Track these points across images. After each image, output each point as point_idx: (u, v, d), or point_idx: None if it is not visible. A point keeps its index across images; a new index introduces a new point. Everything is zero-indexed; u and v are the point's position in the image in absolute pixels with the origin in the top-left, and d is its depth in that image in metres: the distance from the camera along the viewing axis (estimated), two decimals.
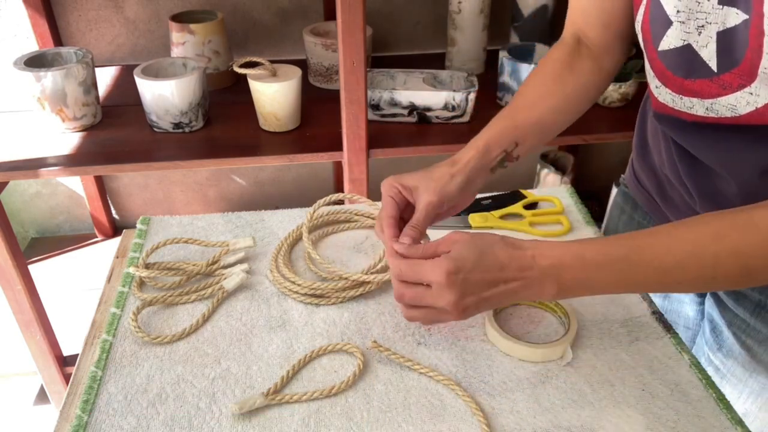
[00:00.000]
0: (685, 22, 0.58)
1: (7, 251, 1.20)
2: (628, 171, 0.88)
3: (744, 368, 0.72)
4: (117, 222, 1.80)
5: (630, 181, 0.86)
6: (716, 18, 0.56)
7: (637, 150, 0.82)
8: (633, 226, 0.86)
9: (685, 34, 0.59)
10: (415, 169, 0.69)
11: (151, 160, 1.17)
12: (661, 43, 0.62)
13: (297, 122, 1.27)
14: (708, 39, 0.57)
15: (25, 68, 1.15)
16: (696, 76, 0.60)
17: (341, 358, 0.67)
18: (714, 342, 0.76)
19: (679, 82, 0.62)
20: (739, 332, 0.71)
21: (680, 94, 0.63)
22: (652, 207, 0.81)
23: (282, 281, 0.75)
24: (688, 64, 0.60)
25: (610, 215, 0.93)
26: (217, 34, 1.35)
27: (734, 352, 0.73)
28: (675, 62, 0.62)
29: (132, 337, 0.70)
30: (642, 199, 0.83)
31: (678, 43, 0.60)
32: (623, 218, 0.88)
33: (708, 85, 0.59)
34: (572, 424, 0.60)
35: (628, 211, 0.87)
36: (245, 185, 1.79)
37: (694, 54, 0.59)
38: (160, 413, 0.61)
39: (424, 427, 0.60)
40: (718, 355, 0.75)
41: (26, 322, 1.32)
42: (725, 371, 0.74)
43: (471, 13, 1.39)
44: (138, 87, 1.19)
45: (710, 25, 0.56)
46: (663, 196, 0.77)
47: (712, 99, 0.59)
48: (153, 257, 0.80)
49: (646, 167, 0.80)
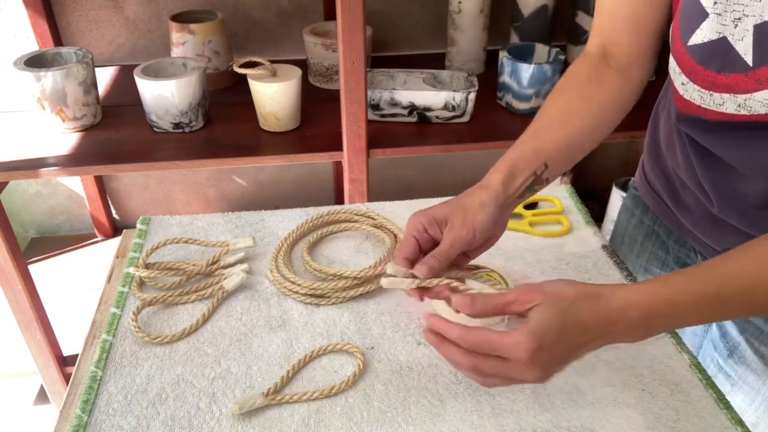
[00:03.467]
0: (722, 14, 0.57)
1: (7, 251, 1.20)
2: (638, 174, 0.86)
3: (757, 376, 0.71)
4: (117, 222, 1.80)
5: (640, 184, 0.85)
6: (754, 10, 0.54)
7: (648, 152, 0.80)
8: (643, 230, 0.85)
9: (720, 26, 0.57)
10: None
11: (151, 160, 1.17)
12: (693, 36, 0.60)
13: (297, 122, 1.27)
14: (744, 32, 0.56)
15: (25, 68, 1.15)
16: (730, 71, 0.58)
17: (341, 358, 0.67)
18: (724, 348, 0.75)
19: (711, 77, 0.60)
20: (753, 339, 0.70)
21: (710, 90, 0.61)
22: (663, 211, 0.80)
23: (282, 281, 0.75)
24: (723, 58, 0.58)
25: (619, 219, 0.92)
26: (217, 34, 1.35)
27: (747, 359, 0.72)
28: (707, 56, 0.60)
29: (132, 337, 0.70)
30: (652, 203, 0.82)
31: (713, 36, 0.59)
32: (633, 222, 0.87)
33: (743, 80, 0.57)
34: (572, 424, 0.60)
35: (638, 214, 0.86)
36: (245, 185, 1.79)
37: (729, 47, 0.57)
38: (160, 413, 0.61)
39: (424, 427, 0.60)
40: (729, 361, 0.74)
41: (26, 322, 1.32)
42: (737, 378, 0.73)
43: (471, 13, 1.39)
44: (138, 87, 1.19)
45: (747, 18, 0.55)
46: (675, 199, 0.76)
47: (747, 94, 0.58)
48: (153, 257, 0.80)
49: (658, 170, 0.78)
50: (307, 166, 1.76)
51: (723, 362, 0.75)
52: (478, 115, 1.28)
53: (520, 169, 0.64)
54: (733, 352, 0.73)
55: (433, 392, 0.63)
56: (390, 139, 1.24)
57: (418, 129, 1.28)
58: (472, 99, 1.24)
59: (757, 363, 0.70)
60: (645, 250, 0.85)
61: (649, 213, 0.84)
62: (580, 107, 0.69)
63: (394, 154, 1.23)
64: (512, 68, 1.26)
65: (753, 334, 0.70)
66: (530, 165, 0.64)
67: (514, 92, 1.28)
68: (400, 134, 1.26)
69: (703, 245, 0.74)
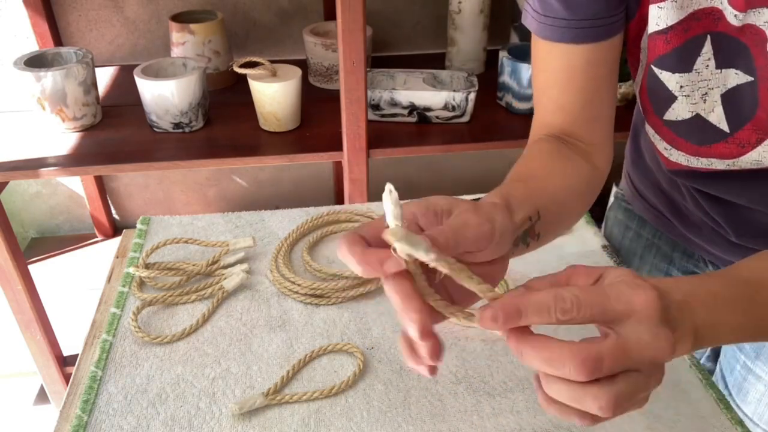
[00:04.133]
0: (690, 95, 0.57)
1: (7, 251, 1.20)
2: (626, 186, 0.82)
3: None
4: (117, 222, 1.80)
5: (632, 198, 0.81)
6: (717, 82, 0.55)
7: (631, 162, 0.78)
8: (641, 243, 0.82)
9: (691, 105, 0.58)
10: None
11: (151, 160, 1.17)
12: (667, 113, 0.60)
13: (297, 122, 1.27)
14: (713, 103, 0.56)
15: (25, 68, 1.15)
16: (711, 142, 0.58)
17: (341, 358, 0.67)
18: (750, 349, 0.72)
19: (694, 149, 0.60)
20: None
21: (696, 156, 0.60)
22: (666, 225, 0.77)
23: (282, 281, 0.75)
24: (701, 132, 0.59)
25: (611, 233, 0.87)
26: (217, 34, 1.35)
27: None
28: (685, 131, 0.60)
29: (132, 337, 0.70)
30: (651, 218, 0.79)
31: (686, 115, 0.59)
32: (629, 235, 0.84)
33: (725, 147, 0.58)
34: (572, 424, 0.60)
35: (634, 228, 0.83)
36: (245, 185, 1.79)
37: (704, 121, 0.58)
38: (160, 413, 0.61)
39: (424, 427, 0.60)
40: (758, 362, 0.71)
41: (26, 322, 1.32)
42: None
43: (471, 13, 1.39)
44: (138, 87, 1.19)
45: (713, 90, 0.56)
46: (680, 216, 0.74)
47: (733, 159, 0.58)
48: (153, 257, 0.80)
49: (648, 183, 0.76)
50: (307, 166, 1.76)
51: (751, 363, 0.72)
52: (478, 115, 1.28)
53: (516, 207, 0.49)
54: (760, 352, 0.71)
55: (433, 392, 0.63)
56: (390, 139, 1.24)
57: (418, 129, 1.28)
58: (472, 99, 1.24)
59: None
60: (645, 263, 0.83)
61: (647, 226, 0.81)
62: (558, 171, 0.58)
63: (394, 154, 1.23)
64: (512, 68, 1.26)
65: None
66: (524, 207, 0.49)
67: (514, 92, 1.28)
68: (400, 134, 1.26)
69: (719, 259, 0.72)
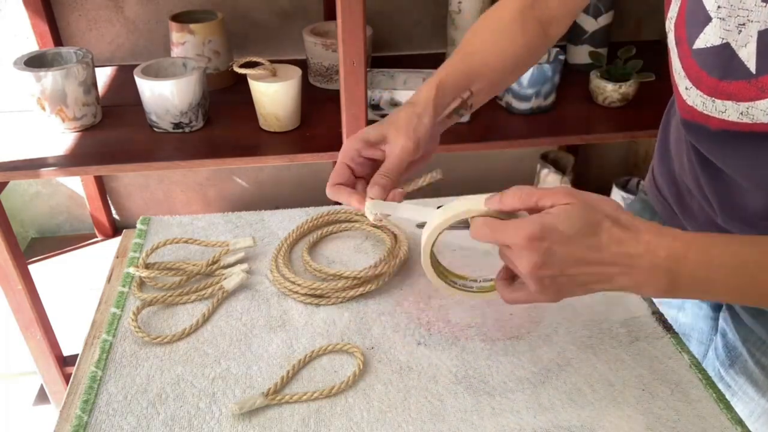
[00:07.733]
0: (726, 18, 0.56)
1: (7, 251, 1.20)
2: (649, 177, 0.85)
3: (757, 387, 0.70)
4: (117, 222, 1.80)
5: (650, 188, 0.84)
6: (758, 16, 0.53)
7: (658, 156, 0.80)
8: None
9: (724, 31, 0.56)
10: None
11: (151, 160, 1.17)
12: (697, 41, 0.59)
13: (297, 122, 1.27)
14: (748, 38, 0.54)
15: (25, 68, 1.15)
16: (733, 78, 0.57)
17: (341, 358, 0.67)
18: (726, 358, 0.74)
19: (714, 84, 0.59)
20: (754, 349, 0.69)
21: (713, 97, 0.59)
22: (669, 215, 0.78)
23: (282, 281, 0.75)
24: (725, 64, 0.57)
25: None
26: (217, 34, 1.35)
27: (748, 370, 0.71)
28: (711, 62, 0.59)
29: (132, 337, 0.70)
30: (660, 208, 0.81)
31: (716, 41, 0.57)
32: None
33: (745, 88, 0.56)
34: (572, 424, 0.60)
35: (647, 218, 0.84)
36: (245, 185, 1.79)
37: (732, 54, 0.56)
38: (160, 413, 0.61)
39: (424, 427, 0.60)
40: (730, 372, 0.73)
41: (26, 322, 1.32)
42: (737, 389, 0.73)
43: (471, 13, 1.38)
44: (138, 87, 1.19)
45: (751, 24, 0.54)
46: (681, 205, 0.75)
47: (749, 102, 0.56)
48: (153, 257, 0.80)
49: (666, 174, 0.78)
50: (307, 166, 1.76)
51: (724, 372, 0.74)
52: (478, 115, 1.28)
53: (449, 90, 0.67)
54: (734, 362, 0.72)
55: (433, 392, 0.63)
56: None
57: None
58: None
59: (758, 374, 0.69)
60: None
61: (656, 218, 0.83)
62: (504, 46, 0.72)
63: None
64: None
65: (755, 345, 0.69)
66: (458, 87, 0.68)
67: (514, 92, 1.28)
68: None
69: None
